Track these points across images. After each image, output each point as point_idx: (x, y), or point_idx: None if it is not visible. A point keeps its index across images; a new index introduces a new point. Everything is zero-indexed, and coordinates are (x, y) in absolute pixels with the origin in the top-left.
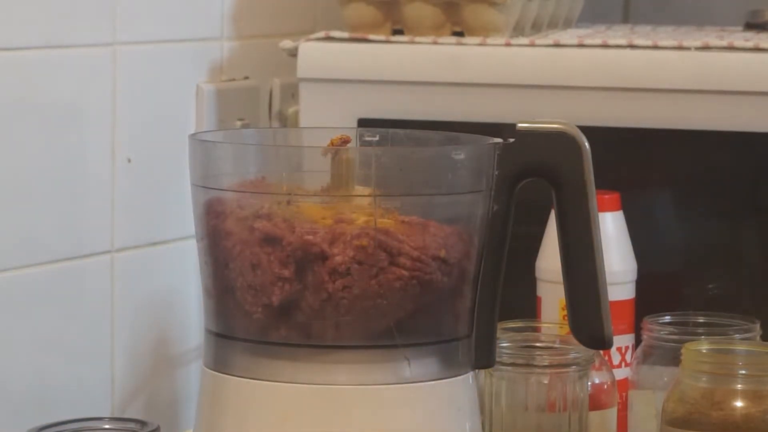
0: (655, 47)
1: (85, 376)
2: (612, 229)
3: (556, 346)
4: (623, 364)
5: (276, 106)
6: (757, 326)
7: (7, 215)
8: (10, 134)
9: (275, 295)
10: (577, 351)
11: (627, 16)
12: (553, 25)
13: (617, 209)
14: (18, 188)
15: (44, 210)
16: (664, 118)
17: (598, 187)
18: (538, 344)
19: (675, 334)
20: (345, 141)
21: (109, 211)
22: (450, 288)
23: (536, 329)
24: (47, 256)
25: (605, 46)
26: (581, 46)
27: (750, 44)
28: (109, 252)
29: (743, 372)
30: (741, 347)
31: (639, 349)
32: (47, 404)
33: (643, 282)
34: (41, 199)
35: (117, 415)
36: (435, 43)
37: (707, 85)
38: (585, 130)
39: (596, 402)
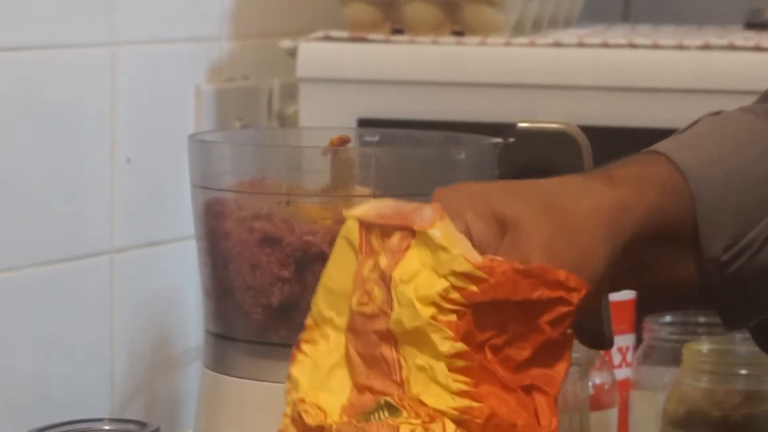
0: (656, 47)
1: (85, 377)
2: None
3: None
4: (624, 365)
5: (275, 106)
6: None
7: (6, 215)
8: (9, 134)
9: (275, 296)
10: (578, 351)
11: (627, 15)
12: (553, 24)
13: None
14: (17, 188)
15: (43, 210)
16: (664, 118)
17: None
18: None
19: (676, 334)
20: (345, 141)
21: (109, 212)
22: None
23: None
24: (46, 257)
25: (605, 45)
26: (581, 45)
27: (750, 43)
28: (108, 252)
29: (744, 372)
30: (742, 347)
31: (640, 350)
32: (46, 405)
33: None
34: (40, 199)
35: (116, 416)
36: (435, 42)
37: (708, 84)
38: (585, 129)
39: (597, 402)
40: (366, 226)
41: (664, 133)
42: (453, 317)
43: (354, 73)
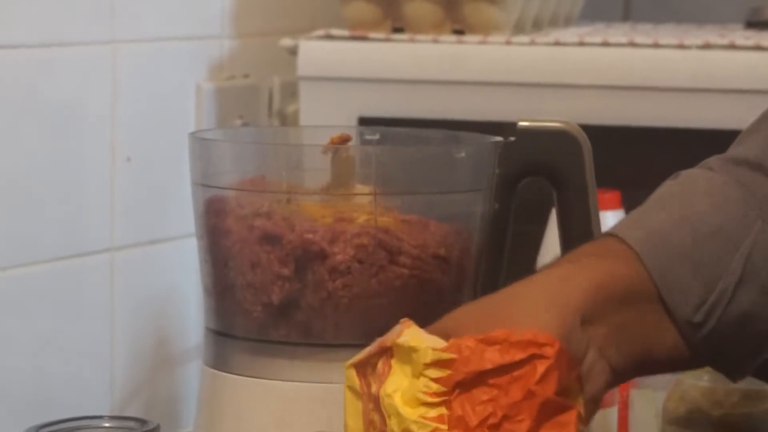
0: (656, 46)
1: (85, 375)
2: None
3: None
4: None
5: (276, 105)
6: None
7: (6, 214)
8: (9, 133)
9: (275, 294)
10: None
11: (628, 14)
12: (553, 23)
13: (618, 208)
14: (17, 187)
15: (44, 209)
16: (664, 117)
17: (598, 185)
18: None
19: None
20: (345, 139)
21: (109, 210)
22: (450, 287)
23: None
24: (47, 255)
25: (606, 44)
26: (582, 44)
27: (751, 43)
28: (108, 250)
29: None
30: None
31: None
32: (47, 403)
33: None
34: (41, 197)
35: (116, 413)
36: (435, 41)
37: (708, 83)
38: (586, 128)
39: None
40: (360, 368)
41: (664, 132)
42: (442, 410)
43: (354, 71)
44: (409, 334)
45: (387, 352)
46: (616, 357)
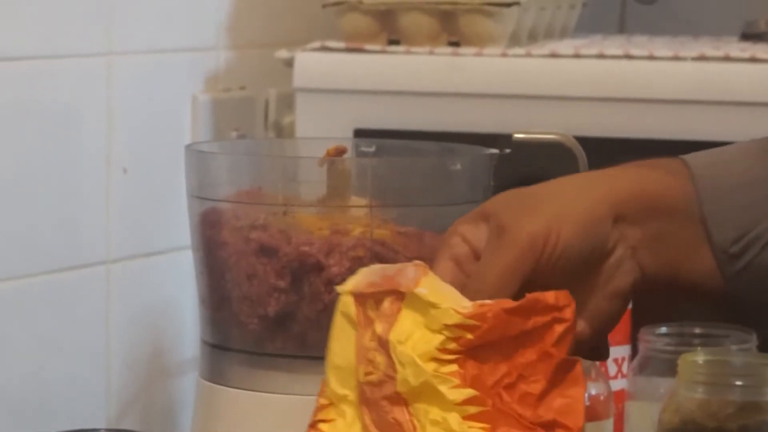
0: (651, 58)
1: (81, 387)
2: None
3: None
4: (620, 375)
5: (272, 116)
6: (754, 337)
7: (2, 224)
8: (6, 144)
9: (271, 306)
10: None
11: (623, 26)
12: (549, 35)
13: None
14: (13, 197)
15: (40, 220)
16: (660, 129)
17: None
18: None
19: (671, 344)
20: (341, 151)
21: (105, 222)
22: None
23: None
24: (43, 266)
25: (601, 56)
26: (577, 56)
27: (746, 55)
28: (104, 262)
29: (740, 383)
30: (737, 358)
31: (635, 360)
32: (42, 414)
33: (639, 292)
34: (37, 208)
35: (113, 425)
36: (431, 53)
37: (703, 95)
38: (581, 140)
39: (592, 413)
40: (359, 298)
41: (660, 144)
42: (455, 367)
43: (350, 83)
44: (428, 285)
45: (397, 293)
46: (648, 261)
